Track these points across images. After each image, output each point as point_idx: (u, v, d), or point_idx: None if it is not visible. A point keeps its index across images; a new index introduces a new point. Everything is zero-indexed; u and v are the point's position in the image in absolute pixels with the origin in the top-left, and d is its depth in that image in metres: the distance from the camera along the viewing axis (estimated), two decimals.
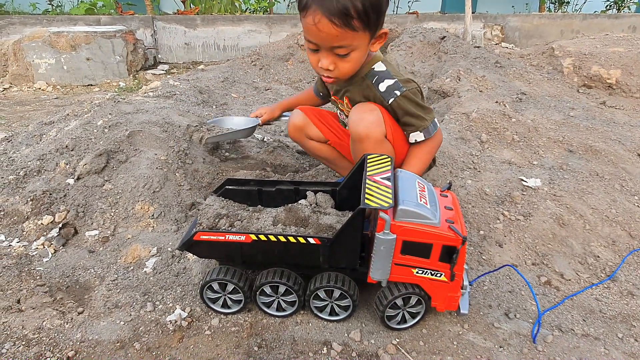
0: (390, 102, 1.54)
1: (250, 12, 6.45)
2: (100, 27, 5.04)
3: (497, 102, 2.77)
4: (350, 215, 1.19)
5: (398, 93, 1.53)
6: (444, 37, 4.11)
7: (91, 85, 4.68)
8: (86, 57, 4.64)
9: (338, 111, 1.84)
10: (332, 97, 1.77)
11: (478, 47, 4.11)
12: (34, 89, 4.48)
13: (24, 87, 4.51)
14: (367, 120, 1.51)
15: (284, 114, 2.14)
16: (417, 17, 6.30)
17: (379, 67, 1.57)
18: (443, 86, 3.09)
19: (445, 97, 3.06)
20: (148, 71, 5.01)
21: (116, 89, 4.45)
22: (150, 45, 5.48)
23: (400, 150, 1.61)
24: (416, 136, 1.57)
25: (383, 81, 1.55)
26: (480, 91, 2.99)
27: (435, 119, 1.61)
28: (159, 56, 5.60)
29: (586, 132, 2.60)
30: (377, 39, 1.48)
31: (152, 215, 1.77)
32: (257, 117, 2.11)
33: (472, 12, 5.31)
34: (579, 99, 3.22)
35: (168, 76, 4.61)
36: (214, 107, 3.04)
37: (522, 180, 2.05)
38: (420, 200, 1.21)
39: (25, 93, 4.36)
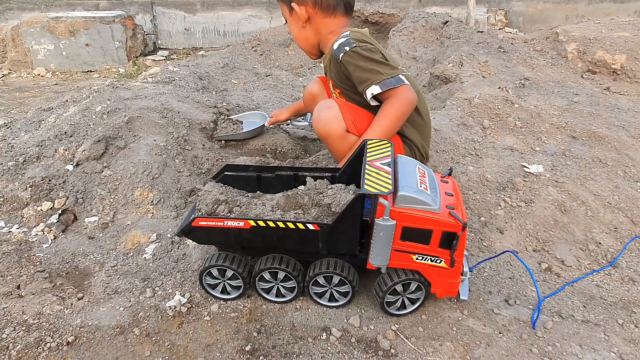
0: (341, 58, 1.52)
1: None
2: (99, 12, 4.98)
3: (499, 87, 2.74)
4: (349, 201, 1.18)
5: (347, 49, 1.50)
6: (447, 21, 4.05)
7: (90, 71, 4.65)
8: (85, 42, 4.60)
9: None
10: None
11: (481, 32, 4.05)
12: (33, 75, 4.46)
13: (23, 73, 4.48)
14: (324, 118, 1.53)
15: (299, 118, 2.14)
16: (419, 1, 6.21)
17: (344, 34, 1.57)
18: (445, 72, 3.05)
19: (447, 82, 3.02)
20: (148, 57, 4.98)
21: (116, 75, 4.42)
22: (150, 31, 5.42)
23: None
24: (372, 89, 1.46)
25: (337, 41, 1.56)
26: (483, 77, 2.96)
27: (402, 77, 1.49)
28: (159, 42, 5.55)
29: (590, 118, 2.57)
30: (292, 13, 1.64)
31: (152, 201, 1.76)
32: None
33: None
34: (582, 85, 3.18)
35: (168, 62, 4.57)
36: (213, 92, 3.02)
37: (524, 166, 2.03)
38: (421, 186, 1.19)
39: (24, 79, 4.34)
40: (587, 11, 6.38)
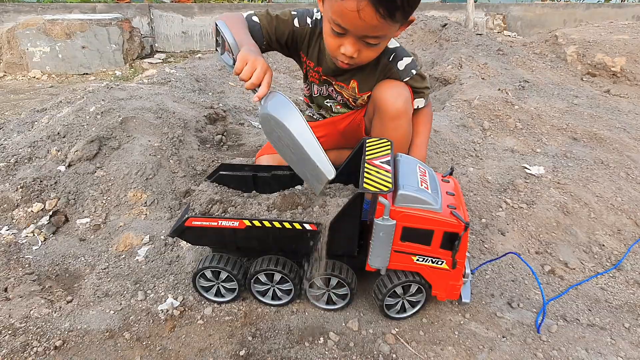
0: (405, 80, 1.53)
1: (248, 0, 6.36)
2: (96, 15, 4.96)
3: (499, 89, 2.72)
4: (347, 200, 1.14)
5: (414, 72, 1.53)
6: (446, 24, 4.04)
7: (87, 74, 4.62)
8: (81, 45, 4.57)
9: (318, 88, 1.69)
10: (327, 77, 1.63)
11: (480, 34, 4.05)
12: (29, 77, 4.42)
13: (19, 75, 4.44)
14: (404, 96, 1.50)
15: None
16: None
17: (392, 43, 1.53)
18: (444, 73, 3.03)
19: (446, 84, 3.00)
20: (145, 60, 4.95)
21: (112, 78, 4.38)
22: (147, 34, 5.40)
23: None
24: (419, 102, 1.61)
25: (402, 59, 1.52)
26: (483, 78, 2.94)
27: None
28: (156, 45, 5.53)
29: (590, 120, 2.55)
30: (404, 26, 1.37)
31: (145, 202, 1.72)
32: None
33: (474, 1, 5.23)
34: (582, 87, 3.16)
35: (164, 65, 4.54)
36: (210, 94, 2.98)
37: (525, 168, 2.00)
38: (421, 185, 1.16)
39: (19, 82, 4.30)
40: (584, 16, 6.39)
